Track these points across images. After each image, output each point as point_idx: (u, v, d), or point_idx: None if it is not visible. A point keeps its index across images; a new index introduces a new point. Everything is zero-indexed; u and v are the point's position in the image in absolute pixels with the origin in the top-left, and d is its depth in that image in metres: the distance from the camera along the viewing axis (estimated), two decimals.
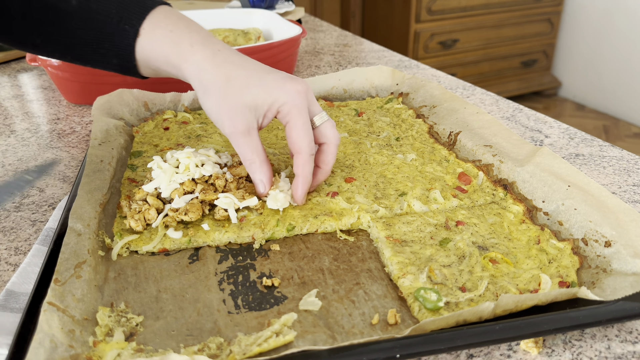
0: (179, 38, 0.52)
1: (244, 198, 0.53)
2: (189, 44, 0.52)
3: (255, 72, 0.53)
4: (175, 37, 0.52)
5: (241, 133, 0.52)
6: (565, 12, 3.08)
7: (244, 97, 0.51)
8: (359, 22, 3.14)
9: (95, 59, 0.55)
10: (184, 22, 0.54)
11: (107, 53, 0.54)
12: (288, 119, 0.52)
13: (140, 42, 0.53)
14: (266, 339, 0.39)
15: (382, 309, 0.43)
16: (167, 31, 0.52)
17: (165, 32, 0.52)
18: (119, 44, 0.53)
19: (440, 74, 1.02)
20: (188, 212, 0.52)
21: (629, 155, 0.69)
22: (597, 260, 0.46)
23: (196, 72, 0.52)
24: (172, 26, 0.53)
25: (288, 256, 0.49)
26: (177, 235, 0.50)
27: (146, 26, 0.52)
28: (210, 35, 0.55)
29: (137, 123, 0.73)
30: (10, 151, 0.73)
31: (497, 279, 0.45)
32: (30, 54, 0.86)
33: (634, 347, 0.40)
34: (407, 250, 0.48)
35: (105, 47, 0.53)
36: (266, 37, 1.09)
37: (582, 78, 3.11)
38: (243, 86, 0.51)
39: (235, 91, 0.51)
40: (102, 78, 0.83)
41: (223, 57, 0.53)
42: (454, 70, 2.87)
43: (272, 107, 0.52)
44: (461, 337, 0.36)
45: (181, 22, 0.53)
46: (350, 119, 0.75)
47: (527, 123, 0.79)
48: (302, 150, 0.52)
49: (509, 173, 0.58)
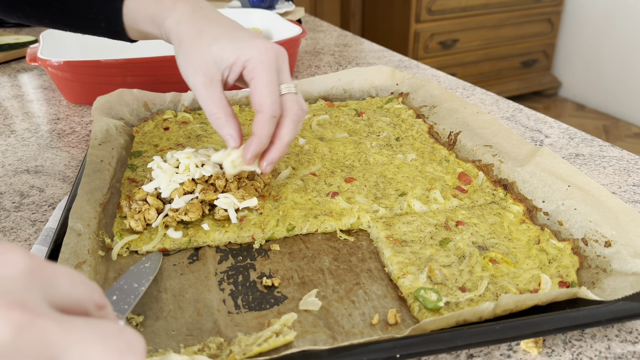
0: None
1: (243, 198, 0.53)
2: (172, 1, 0.53)
3: (228, 27, 0.52)
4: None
5: (203, 84, 0.50)
6: (565, 12, 3.08)
7: (210, 48, 0.50)
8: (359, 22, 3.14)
9: (85, 23, 0.57)
10: None
11: (96, 17, 0.55)
12: (253, 75, 0.50)
13: (127, 4, 0.54)
14: (266, 339, 0.39)
15: (382, 309, 0.42)
16: None
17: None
18: (106, 7, 0.54)
19: (440, 74, 1.02)
20: (188, 212, 0.52)
21: (629, 155, 0.69)
22: (597, 260, 0.46)
23: (175, 25, 0.52)
24: None
25: (288, 256, 0.49)
26: (177, 235, 0.50)
27: None
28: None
29: (137, 123, 0.73)
30: (10, 151, 0.73)
31: (497, 279, 0.45)
32: (30, 54, 0.86)
33: (634, 347, 0.40)
34: (407, 250, 0.48)
35: (93, 11, 0.55)
36: (266, 37, 1.10)
37: (582, 78, 3.11)
38: (212, 38, 0.51)
39: (204, 43, 0.51)
40: (102, 78, 0.83)
41: (202, 14, 0.53)
42: (454, 70, 2.87)
43: (238, 61, 0.50)
44: (461, 337, 0.36)
45: None
46: (350, 119, 0.75)
47: (527, 123, 0.79)
48: (263, 109, 0.49)
49: (509, 173, 0.58)
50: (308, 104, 0.81)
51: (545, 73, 3.20)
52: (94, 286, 0.25)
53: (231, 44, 0.50)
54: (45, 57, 0.83)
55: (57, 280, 0.23)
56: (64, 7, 0.55)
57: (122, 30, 0.56)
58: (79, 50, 0.97)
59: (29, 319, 0.20)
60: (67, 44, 0.96)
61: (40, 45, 0.87)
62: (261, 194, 0.57)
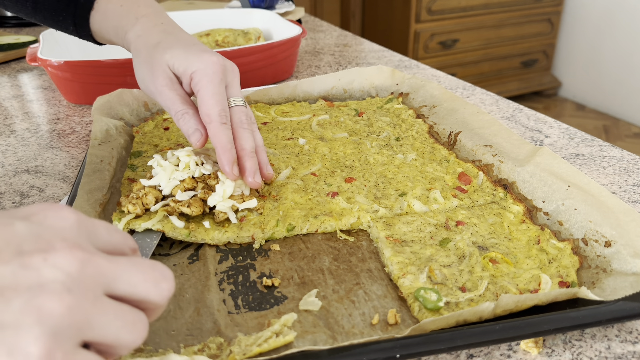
0: (127, 12, 0.58)
1: (243, 200, 0.53)
2: (135, 17, 0.58)
3: (183, 41, 0.55)
4: (123, 11, 0.58)
5: (165, 85, 0.53)
6: (565, 12, 3.08)
7: (164, 56, 0.53)
8: (359, 22, 3.14)
9: (56, 24, 0.63)
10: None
11: (65, 20, 0.61)
12: (199, 88, 0.52)
13: (94, 15, 0.60)
14: (266, 339, 0.39)
15: (382, 309, 0.43)
16: (118, 6, 0.58)
17: (116, 7, 0.58)
18: (74, 14, 0.60)
19: (440, 74, 1.02)
20: (191, 206, 0.51)
21: (629, 155, 0.69)
22: (597, 260, 0.46)
23: (134, 38, 0.56)
24: (122, 1, 0.59)
25: (288, 256, 0.49)
26: (178, 224, 0.50)
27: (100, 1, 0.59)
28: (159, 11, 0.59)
29: (137, 123, 0.73)
30: (10, 151, 0.73)
31: (497, 279, 0.45)
32: (30, 54, 0.86)
33: (634, 347, 0.40)
34: (407, 250, 0.48)
35: (63, 14, 0.61)
36: (266, 37, 1.10)
37: (582, 78, 3.11)
38: (167, 47, 0.54)
39: (159, 51, 0.54)
40: (102, 78, 0.83)
41: (162, 28, 0.57)
42: (454, 70, 2.87)
43: (186, 72, 0.53)
44: (461, 337, 0.36)
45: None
46: (350, 119, 0.75)
47: (527, 123, 0.79)
48: (211, 119, 0.51)
49: (509, 173, 0.58)
50: (308, 104, 0.81)
51: (545, 73, 3.20)
52: (126, 234, 0.30)
53: (181, 55, 0.53)
54: (45, 57, 0.83)
55: (98, 230, 0.28)
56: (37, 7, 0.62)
57: (89, 36, 0.62)
58: (79, 50, 0.97)
59: (87, 256, 0.25)
60: (67, 44, 0.96)
61: (40, 45, 0.87)
62: (261, 194, 0.57)
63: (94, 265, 0.25)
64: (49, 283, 0.24)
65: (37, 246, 0.25)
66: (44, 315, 0.23)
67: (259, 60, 0.90)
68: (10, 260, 0.24)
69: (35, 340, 0.22)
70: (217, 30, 1.07)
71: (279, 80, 0.97)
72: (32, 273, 0.24)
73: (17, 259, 0.24)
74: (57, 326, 0.23)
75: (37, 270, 0.24)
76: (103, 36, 0.61)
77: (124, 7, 0.58)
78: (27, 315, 0.23)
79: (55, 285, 0.24)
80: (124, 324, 0.26)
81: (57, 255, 0.25)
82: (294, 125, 0.73)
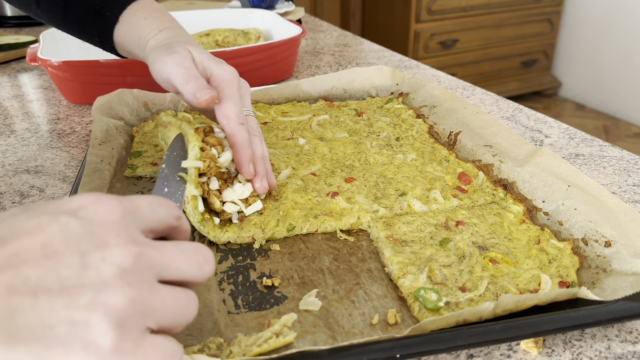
0: (151, 24, 0.60)
1: (248, 203, 0.53)
2: (158, 29, 0.60)
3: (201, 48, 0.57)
4: (147, 24, 0.60)
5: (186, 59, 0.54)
6: (565, 12, 3.08)
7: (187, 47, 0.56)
8: (359, 22, 3.14)
9: (82, 35, 0.66)
10: (160, 12, 0.62)
11: (90, 32, 0.64)
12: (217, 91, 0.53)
13: (118, 28, 0.62)
14: (266, 339, 0.39)
15: (382, 309, 0.43)
16: (142, 18, 0.61)
17: (140, 20, 0.61)
18: (99, 27, 0.63)
19: (440, 74, 1.02)
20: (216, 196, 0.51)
21: (629, 155, 0.69)
22: (597, 260, 0.46)
23: (155, 45, 0.58)
24: (147, 14, 0.61)
25: (288, 256, 0.49)
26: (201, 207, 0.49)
27: (125, 14, 0.61)
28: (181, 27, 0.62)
29: (137, 123, 0.73)
30: (10, 151, 0.73)
31: (497, 279, 0.45)
32: (30, 54, 0.86)
33: (634, 347, 0.40)
34: (407, 250, 0.48)
35: (89, 27, 0.64)
36: (266, 37, 1.10)
37: (582, 78, 3.11)
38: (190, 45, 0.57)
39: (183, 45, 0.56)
40: (102, 78, 0.83)
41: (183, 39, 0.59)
42: (454, 70, 2.87)
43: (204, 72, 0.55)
44: (461, 337, 0.36)
45: (157, 13, 0.61)
46: (350, 119, 0.75)
47: (527, 123, 0.79)
48: (230, 119, 0.52)
49: (509, 173, 0.58)
50: (308, 104, 0.81)
51: (545, 73, 3.20)
52: (169, 203, 0.32)
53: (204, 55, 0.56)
54: (45, 57, 0.83)
55: (142, 211, 0.30)
56: (66, 19, 0.65)
57: (112, 47, 0.65)
58: (79, 50, 0.97)
59: (140, 249, 0.27)
60: (67, 44, 0.96)
61: (40, 45, 0.87)
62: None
63: (146, 257, 0.27)
64: (109, 279, 0.26)
65: (93, 244, 0.26)
66: (109, 310, 0.25)
67: (259, 60, 0.90)
68: (72, 261, 0.25)
69: (105, 333, 0.24)
70: (217, 30, 1.07)
71: (279, 80, 0.97)
72: (93, 272, 0.25)
73: (78, 260, 0.26)
74: (122, 318, 0.25)
75: (97, 269, 0.26)
76: (125, 47, 0.63)
77: (147, 20, 0.61)
78: (94, 311, 0.25)
79: (115, 280, 0.26)
80: (179, 307, 0.28)
81: (112, 252, 0.26)
82: (294, 125, 0.73)
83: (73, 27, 0.66)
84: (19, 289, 0.24)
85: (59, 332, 0.24)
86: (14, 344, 0.23)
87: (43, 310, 0.24)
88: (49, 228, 0.26)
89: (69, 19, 0.65)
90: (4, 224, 0.26)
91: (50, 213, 0.27)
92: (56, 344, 0.24)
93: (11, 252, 0.25)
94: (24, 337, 0.23)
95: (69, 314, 0.24)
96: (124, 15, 0.61)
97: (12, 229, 0.26)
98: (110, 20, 0.62)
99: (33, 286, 0.24)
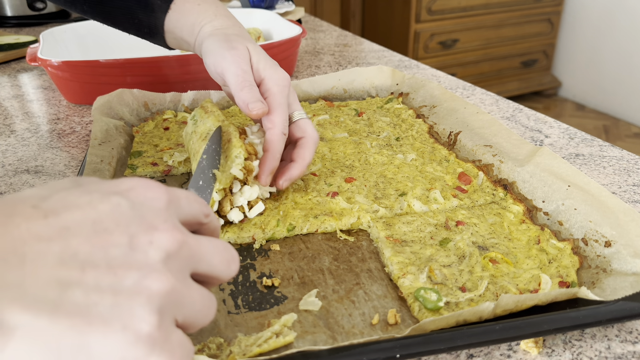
0: (206, 10, 0.60)
1: (250, 205, 0.53)
2: (214, 14, 0.60)
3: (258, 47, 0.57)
4: (202, 9, 0.60)
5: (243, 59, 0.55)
6: (565, 12, 3.08)
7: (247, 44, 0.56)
8: (359, 22, 3.14)
9: (130, 27, 0.65)
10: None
11: (140, 23, 0.63)
12: (268, 95, 0.54)
13: (170, 15, 0.61)
14: (266, 339, 0.39)
15: (382, 309, 0.43)
16: (195, 4, 0.60)
17: (194, 6, 0.60)
18: (150, 16, 0.62)
19: (440, 74, 1.02)
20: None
21: (629, 155, 0.69)
22: (597, 260, 0.46)
23: (212, 30, 0.58)
24: (200, 1, 0.61)
25: (288, 256, 0.49)
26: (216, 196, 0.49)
27: (177, 1, 0.61)
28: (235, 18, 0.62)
29: (137, 123, 0.73)
30: (10, 151, 0.73)
31: (497, 279, 0.45)
32: (30, 54, 0.86)
33: (634, 347, 0.40)
34: (407, 250, 0.48)
35: (139, 17, 0.62)
36: (266, 37, 1.10)
37: (582, 78, 3.11)
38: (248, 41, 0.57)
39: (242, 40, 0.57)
40: (102, 78, 0.83)
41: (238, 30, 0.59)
42: (454, 70, 2.87)
43: (258, 72, 0.55)
44: (461, 337, 0.36)
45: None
46: (350, 119, 0.75)
47: (527, 123, 0.79)
48: (275, 125, 0.53)
49: (509, 173, 0.58)
50: (308, 104, 0.81)
51: (545, 73, 3.20)
52: (201, 200, 0.32)
53: (261, 54, 0.56)
54: (45, 57, 0.83)
55: (181, 203, 0.30)
56: (115, 11, 0.64)
57: (162, 37, 0.63)
58: (79, 50, 0.97)
59: (184, 238, 0.27)
60: (67, 44, 0.96)
61: (40, 45, 0.87)
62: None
63: (187, 247, 0.28)
64: (154, 264, 0.26)
65: (142, 227, 0.26)
66: (153, 295, 0.25)
67: None
68: (121, 241, 0.25)
69: (146, 318, 0.24)
70: None
71: None
72: (140, 254, 0.26)
73: (127, 240, 0.26)
74: (162, 305, 0.25)
75: (144, 252, 0.26)
76: (176, 35, 0.62)
77: (201, 6, 0.60)
78: (139, 294, 0.25)
79: (160, 266, 0.26)
80: (203, 305, 0.28)
81: (160, 237, 0.26)
82: None
83: (120, 19, 0.65)
84: (68, 261, 0.24)
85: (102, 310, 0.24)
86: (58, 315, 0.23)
87: (89, 286, 0.24)
88: (100, 206, 0.26)
89: (117, 12, 0.64)
90: (56, 197, 0.26)
91: (102, 192, 0.27)
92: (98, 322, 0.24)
93: (62, 225, 0.25)
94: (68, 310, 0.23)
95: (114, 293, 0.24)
96: (175, 2, 0.61)
97: (64, 202, 0.26)
98: (162, 8, 0.61)
99: (81, 261, 0.24)
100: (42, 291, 0.23)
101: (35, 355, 0.23)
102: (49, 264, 0.24)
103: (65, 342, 0.23)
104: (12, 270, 0.23)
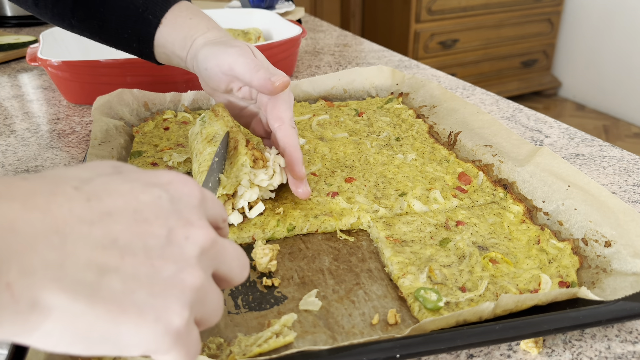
0: (198, 23, 0.59)
1: (250, 205, 0.53)
2: (206, 27, 0.59)
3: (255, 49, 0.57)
4: (193, 23, 0.59)
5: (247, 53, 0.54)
6: (565, 12, 3.08)
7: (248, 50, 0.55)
8: (359, 22, 3.14)
9: (119, 42, 0.63)
10: (202, 13, 0.61)
11: (130, 37, 0.61)
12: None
13: (161, 29, 0.60)
14: (266, 339, 0.39)
15: (382, 309, 0.43)
16: (187, 19, 0.60)
17: (185, 20, 0.60)
18: (140, 31, 0.60)
19: (440, 74, 1.02)
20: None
21: (629, 155, 0.69)
22: (597, 260, 0.46)
23: (205, 41, 0.57)
24: (192, 15, 0.60)
25: (288, 256, 0.49)
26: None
27: (168, 16, 0.59)
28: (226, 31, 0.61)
29: (137, 123, 0.73)
30: (10, 151, 0.73)
31: (497, 279, 0.45)
32: (30, 54, 0.86)
33: (634, 347, 0.40)
34: (407, 250, 0.48)
35: (128, 32, 0.61)
36: (266, 37, 1.10)
37: (582, 78, 3.11)
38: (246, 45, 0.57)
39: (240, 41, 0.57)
40: (102, 78, 0.83)
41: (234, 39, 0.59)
42: (454, 70, 2.87)
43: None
44: (461, 337, 0.36)
45: (200, 13, 0.61)
46: (350, 119, 0.75)
47: (527, 123, 0.79)
48: (284, 121, 0.53)
49: (509, 173, 0.58)
50: (308, 104, 0.81)
51: (545, 73, 3.20)
52: (222, 205, 0.33)
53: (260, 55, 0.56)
54: (45, 57, 0.83)
55: (208, 203, 0.30)
56: (104, 25, 0.62)
57: (151, 53, 0.62)
58: (79, 50, 0.97)
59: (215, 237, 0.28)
60: (67, 44, 0.96)
61: (40, 45, 0.87)
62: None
63: (217, 247, 0.28)
64: (190, 259, 0.26)
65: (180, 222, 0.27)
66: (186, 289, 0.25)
67: None
68: (160, 233, 0.26)
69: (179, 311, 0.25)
70: None
71: None
72: (177, 248, 0.26)
73: (165, 232, 0.26)
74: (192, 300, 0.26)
75: (180, 246, 0.26)
76: (166, 49, 0.61)
77: (193, 20, 0.60)
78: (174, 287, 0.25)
79: (194, 261, 0.26)
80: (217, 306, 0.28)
81: (196, 233, 0.27)
82: None
83: (110, 34, 0.63)
84: (108, 247, 0.24)
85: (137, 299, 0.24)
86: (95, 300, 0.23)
87: (127, 274, 0.24)
88: (141, 196, 0.26)
89: (107, 26, 0.62)
90: (98, 180, 0.26)
91: (143, 182, 0.27)
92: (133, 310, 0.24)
93: (104, 210, 0.25)
94: (105, 297, 0.23)
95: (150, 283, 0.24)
96: (166, 17, 0.60)
97: (106, 187, 0.26)
98: (152, 23, 0.60)
99: (121, 247, 0.24)
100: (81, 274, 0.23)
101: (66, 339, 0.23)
102: (89, 247, 0.24)
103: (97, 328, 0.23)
104: (53, 250, 0.23)
